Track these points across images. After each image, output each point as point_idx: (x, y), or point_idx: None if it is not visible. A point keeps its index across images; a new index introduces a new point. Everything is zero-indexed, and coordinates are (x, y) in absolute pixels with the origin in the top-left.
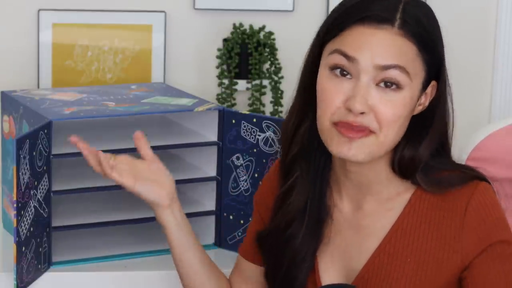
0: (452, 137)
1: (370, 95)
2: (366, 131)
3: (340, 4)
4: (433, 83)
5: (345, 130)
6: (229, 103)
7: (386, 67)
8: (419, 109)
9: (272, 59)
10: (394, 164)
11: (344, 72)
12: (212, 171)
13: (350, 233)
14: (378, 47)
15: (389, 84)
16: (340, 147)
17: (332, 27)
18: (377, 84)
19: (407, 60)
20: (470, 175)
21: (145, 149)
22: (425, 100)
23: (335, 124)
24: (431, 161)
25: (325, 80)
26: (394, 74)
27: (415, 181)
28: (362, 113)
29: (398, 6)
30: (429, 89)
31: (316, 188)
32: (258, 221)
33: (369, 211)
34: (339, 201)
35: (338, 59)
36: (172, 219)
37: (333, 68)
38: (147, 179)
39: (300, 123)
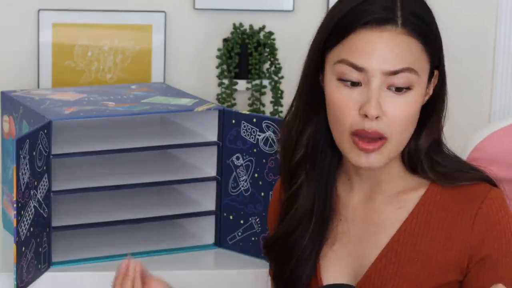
0: (443, 126)
1: (383, 99)
2: (381, 141)
3: (338, 8)
4: (436, 72)
5: (362, 143)
6: (229, 103)
7: (395, 72)
8: (425, 99)
9: (272, 59)
10: (404, 158)
11: (355, 83)
12: (212, 171)
13: (360, 230)
14: (385, 52)
15: (400, 88)
16: (359, 158)
17: (335, 33)
18: (388, 88)
19: (414, 59)
20: (478, 176)
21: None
22: (429, 89)
23: (353, 134)
24: (436, 155)
25: (335, 91)
26: (403, 76)
27: (427, 175)
28: (377, 117)
29: (395, 1)
30: (433, 79)
31: (322, 188)
32: None
33: (380, 207)
34: (349, 198)
35: (346, 70)
36: None
37: (341, 79)
38: None
39: (303, 128)
